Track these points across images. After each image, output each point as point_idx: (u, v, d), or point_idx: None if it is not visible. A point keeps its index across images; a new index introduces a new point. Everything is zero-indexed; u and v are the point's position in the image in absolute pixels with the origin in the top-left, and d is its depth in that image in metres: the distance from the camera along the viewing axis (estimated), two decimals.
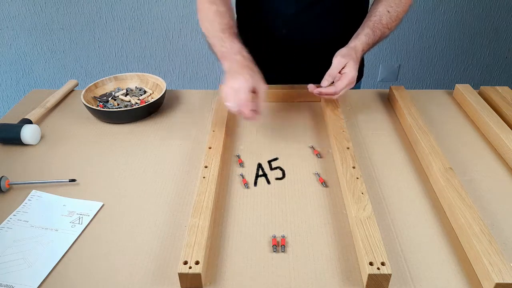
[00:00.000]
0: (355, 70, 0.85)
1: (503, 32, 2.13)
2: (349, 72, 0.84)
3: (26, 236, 0.65)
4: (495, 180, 0.76)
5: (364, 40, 0.89)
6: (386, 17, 0.91)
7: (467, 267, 0.59)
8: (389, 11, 0.91)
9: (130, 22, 2.05)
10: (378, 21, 0.90)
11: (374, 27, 0.90)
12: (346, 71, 0.85)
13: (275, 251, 0.62)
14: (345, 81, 0.84)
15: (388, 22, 0.91)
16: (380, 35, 0.91)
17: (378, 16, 0.91)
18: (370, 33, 0.89)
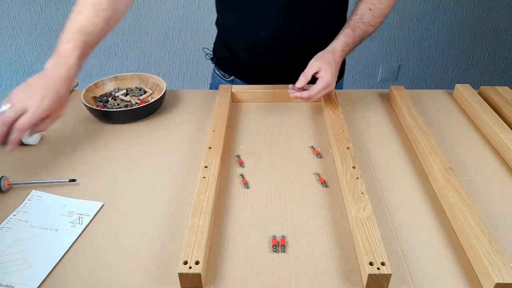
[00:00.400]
0: (330, 74, 0.85)
1: (503, 32, 2.14)
2: (324, 76, 0.85)
3: (26, 236, 0.65)
4: (495, 180, 0.76)
5: (343, 40, 0.89)
6: (368, 15, 0.91)
7: (467, 267, 0.59)
8: (371, 8, 0.91)
9: (130, 22, 2.05)
10: (359, 20, 0.91)
11: (355, 26, 0.90)
12: (321, 75, 0.86)
13: (275, 251, 0.62)
14: (319, 86, 0.86)
15: (371, 19, 0.91)
16: (362, 34, 0.91)
17: (359, 15, 0.91)
18: (350, 32, 0.90)
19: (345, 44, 0.89)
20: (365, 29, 0.91)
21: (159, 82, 1.02)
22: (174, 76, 2.21)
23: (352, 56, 2.34)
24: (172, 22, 2.04)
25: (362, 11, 0.91)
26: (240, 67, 1.10)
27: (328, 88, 0.87)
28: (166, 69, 2.19)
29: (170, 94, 1.05)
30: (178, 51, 2.13)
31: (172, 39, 2.09)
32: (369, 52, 2.20)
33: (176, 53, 2.14)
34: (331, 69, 0.86)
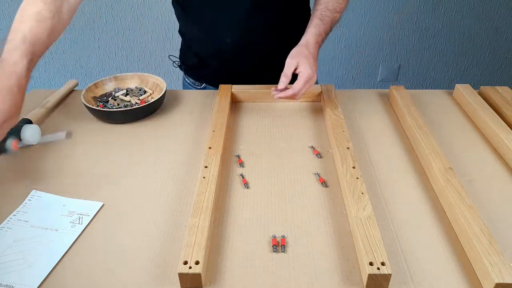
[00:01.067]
0: (310, 67, 0.84)
1: (503, 32, 2.14)
2: (303, 71, 0.84)
3: (26, 236, 0.65)
4: (495, 180, 0.76)
5: (314, 31, 0.89)
6: (332, 2, 0.92)
7: (467, 267, 0.59)
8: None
9: (130, 22, 2.05)
10: (324, 9, 0.91)
11: (322, 15, 0.91)
12: (300, 69, 0.85)
13: (275, 251, 0.62)
14: (301, 81, 0.84)
15: (336, 6, 0.92)
16: (331, 22, 0.92)
17: (324, 4, 0.92)
18: (319, 22, 0.90)
19: (317, 35, 0.89)
20: (333, 17, 0.92)
21: (159, 82, 1.02)
22: (174, 76, 2.21)
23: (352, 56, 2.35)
24: (172, 22, 2.04)
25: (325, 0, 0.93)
26: (209, 73, 1.11)
27: (310, 82, 0.86)
28: (166, 69, 2.19)
29: (170, 94, 1.05)
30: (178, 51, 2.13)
31: (172, 39, 2.09)
32: (369, 52, 2.20)
33: (176, 53, 2.14)
34: (309, 62, 0.85)
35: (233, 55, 1.03)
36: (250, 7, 0.95)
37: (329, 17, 0.91)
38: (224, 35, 1.01)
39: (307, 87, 0.86)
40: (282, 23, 1.01)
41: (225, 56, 1.04)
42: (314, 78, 0.86)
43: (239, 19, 0.97)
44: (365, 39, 2.14)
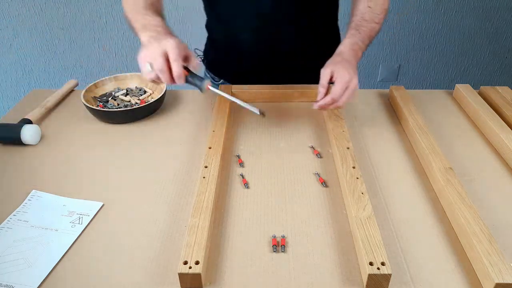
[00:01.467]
0: (348, 73, 0.80)
1: (503, 32, 2.14)
2: (340, 76, 0.80)
3: (26, 236, 0.65)
4: (495, 180, 0.76)
5: (348, 41, 0.86)
6: (368, 13, 0.89)
7: (467, 267, 0.59)
8: (370, 6, 0.89)
9: None
10: (360, 19, 0.89)
11: (357, 25, 0.88)
12: (336, 76, 0.81)
13: (275, 251, 0.62)
14: (339, 85, 0.80)
15: (373, 16, 0.89)
16: (369, 32, 0.89)
17: (360, 15, 0.89)
18: (354, 32, 0.88)
19: (351, 43, 0.86)
20: (371, 27, 0.89)
21: None
22: None
23: None
24: (172, 23, 2.04)
25: (361, 10, 0.89)
26: (228, 70, 1.10)
27: (350, 85, 0.80)
28: None
29: (170, 94, 1.05)
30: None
31: None
32: (369, 52, 2.20)
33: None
34: (344, 67, 0.81)
35: (251, 52, 1.03)
36: (269, 7, 0.95)
37: (366, 27, 0.88)
38: (243, 31, 1.00)
39: (349, 93, 0.80)
40: (305, 22, 1.00)
41: (243, 53, 1.04)
42: (353, 82, 0.80)
43: (259, 14, 0.96)
44: None
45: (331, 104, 0.82)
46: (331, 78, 0.82)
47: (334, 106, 0.83)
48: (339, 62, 0.82)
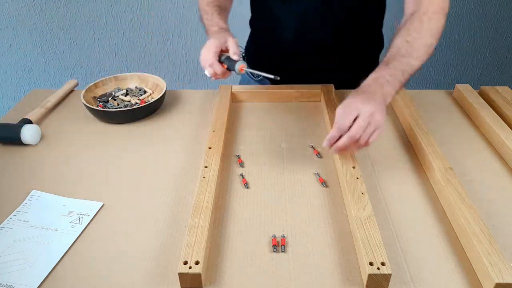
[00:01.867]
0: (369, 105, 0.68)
1: (503, 32, 2.13)
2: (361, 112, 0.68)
3: (26, 236, 0.65)
4: (495, 180, 0.76)
5: (374, 76, 0.74)
6: (406, 47, 0.77)
7: (467, 267, 0.59)
8: (408, 40, 0.77)
9: (130, 22, 2.05)
10: (395, 53, 0.77)
11: (389, 59, 0.76)
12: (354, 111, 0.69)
13: (275, 251, 0.62)
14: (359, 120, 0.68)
15: (410, 51, 0.76)
16: (403, 66, 0.75)
17: (396, 48, 0.77)
18: (383, 67, 0.75)
19: (375, 78, 0.73)
20: (406, 62, 0.75)
21: (159, 82, 1.02)
22: (174, 76, 2.21)
23: None
24: (172, 22, 2.04)
25: (398, 45, 0.78)
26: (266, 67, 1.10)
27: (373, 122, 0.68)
28: (166, 69, 2.19)
29: (170, 94, 1.05)
30: (178, 51, 2.13)
31: (172, 39, 2.09)
32: None
33: (176, 53, 2.13)
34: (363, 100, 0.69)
35: (292, 52, 1.03)
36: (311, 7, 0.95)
37: (400, 61, 0.75)
38: (286, 31, 1.00)
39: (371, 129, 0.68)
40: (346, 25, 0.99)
41: (282, 50, 1.04)
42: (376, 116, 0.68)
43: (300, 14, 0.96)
44: None
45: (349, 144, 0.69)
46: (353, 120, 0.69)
47: (356, 147, 0.70)
48: (357, 96, 0.71)
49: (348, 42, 1.00)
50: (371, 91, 0.71)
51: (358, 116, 0.68)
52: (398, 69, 0.75)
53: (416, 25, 0.79)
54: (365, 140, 0.68)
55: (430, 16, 0.79)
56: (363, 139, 0.68)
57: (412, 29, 0.78)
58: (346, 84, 1.03)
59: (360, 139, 0.68)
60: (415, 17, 0.80)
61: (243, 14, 1.13)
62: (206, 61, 0.83)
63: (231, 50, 0.82)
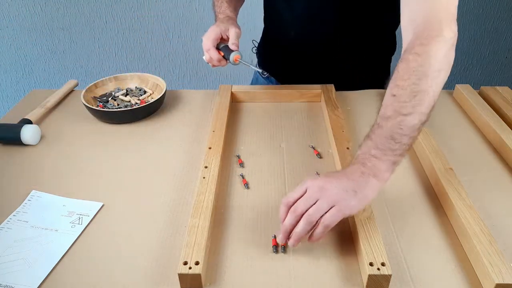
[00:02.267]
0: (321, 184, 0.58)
1: (503, 32, 2.13)
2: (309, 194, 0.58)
3: (26, 236, 0.65)
4: (495, 180, 0.76)
5: (357, 154, 0.64)
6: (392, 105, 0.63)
7: (467, 268, 0.59)
8: (394, 94, 0.63)
9: (130, 22, 2.05)
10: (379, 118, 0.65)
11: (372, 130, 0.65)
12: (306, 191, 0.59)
13: (275, 252, 0.62)
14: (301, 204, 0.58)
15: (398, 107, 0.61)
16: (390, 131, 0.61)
17: (381, 113, 0.65)
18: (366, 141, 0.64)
19: (355, 157, 0.63)
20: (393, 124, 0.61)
21: (159, 82, 1.02)
22: (174, 76, 2.20)
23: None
24: (172, 22, 2.04)
25: (385, 102, 0.65)
26: (273, 66, 1.10)
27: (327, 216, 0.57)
28: (166, 69, 2.19)
29: (170, 94, 1.05)
30: (178, 51, 2.13)
31: (172, 39, 2.09)
32: None
33: (176, 53, 2.13)
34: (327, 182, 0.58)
35: (295, 49, 1.03)
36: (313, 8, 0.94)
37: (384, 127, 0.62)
38: (289, 28, 1.00)
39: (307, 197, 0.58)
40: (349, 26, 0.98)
41: (287, 48, 1.04)
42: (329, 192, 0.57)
43: (303, 13, 0.96)
44: None
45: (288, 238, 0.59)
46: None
47: (304, 223, 0.57)
48: (325, 176, 0.60)
49: (349, 43, 1.00)
50: (348, 171, 0.61)
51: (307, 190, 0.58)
52: (385, 136, 0.61)
53: (401, 68, 0.63)
54: (314, 220, 0.56)
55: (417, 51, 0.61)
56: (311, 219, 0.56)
57: (398, 76, 0.62)
58: (346, 84, 1.03)
59: (295, 234, 0.57)
60: (402, 56, 0.64)
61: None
62: (204, 45, 0.88)
63: (231, 40, 0.86)
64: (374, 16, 0.96)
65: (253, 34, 1.11)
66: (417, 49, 0.62)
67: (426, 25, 0.63)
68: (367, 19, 0.97)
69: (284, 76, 1.07)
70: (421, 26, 0.64)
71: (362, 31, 0.99)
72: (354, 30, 0.98)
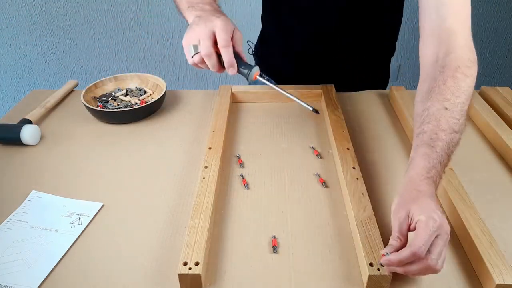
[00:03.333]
0: (435, 215, 0.52)
1: (503, 32, 2.14)
2: (420, 220, 0.52)
3: (26, 236, 0.65)
4: (495, 180, 0.76)
5: (422, 165, 0.59)
6: (445, 117, 0.61)
7: (468, 268, 0.59)
8: (447, 107, 0.62)
9: (130, 22, 2.05)
10: (436, 128, 0.61)
11: (432, 139, 0.61)
12: (415, 219, 0.53)
13: (275, 252, 0.61)
14: (423, 233, 0.51)
15: (452, 124, 0.61)
16: (447, 146, 0.60)
17: (434, 121, 0.62)
18: (429, 152, 0.60)
19: (427, 169, 0.58)
20: (449, 139, 0.60)
21: (159, 82, 1.01)
22: (174, 76, 2.21)
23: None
24: (172, 22, 2.04)
25: (436, 114, 0.62)
26: (277, 69, 1.09)
27: (442, 235, 0.52)
28: (166, 69, 2.19)
29: (170, 94, 1.05)
30: (178, 51, 2.13)
31: (172, 39, 2.09)
32: None
33: (176, 53, 2.14)
34: (426, 208, 0.54)
35: (305, 54, 1.02)
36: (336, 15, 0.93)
37: (444, 140, 0.60)
38: (294, 36, 1.00)
39: (441, 244, 0.52)
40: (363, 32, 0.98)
41: (292, 53, 1.04)
42: (444, 228, 0.53)
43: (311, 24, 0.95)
44: None
45: (411, 261, 0.51)
46: (409, 225, 0.55)
47: (421, 268, 0.52)
48: (416, 200, 0.55)
49: (349, 43, 1.00)
50: (428, 193, 0.56)
51: (422, 226, 0.52)
52: (444, 151, 0.60)
53: (451, 84, 0.63)
54: (433, 260, 0.51)
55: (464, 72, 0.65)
56: (431, 258, 0.51)
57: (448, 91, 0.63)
58: (346, 85, 1.03)
59: (428, 257, 0.51)
60: (446, 74, 0.64)
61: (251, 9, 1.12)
62: (205, 47, 0.67)
63: (238, 47, 0.69)
64: (375, 16, 0.96)
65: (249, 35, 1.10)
66: (464, 70, 0.65)
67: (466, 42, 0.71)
68: (368, 19, 0.97)
69: (283, 77, 1.07)
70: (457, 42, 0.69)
71: (362, 32, 0.99)
72: (355, 31, 0.98)
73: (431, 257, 0.50)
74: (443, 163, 0.60)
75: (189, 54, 0.68)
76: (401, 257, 0.51)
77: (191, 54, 0.67)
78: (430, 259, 0.50)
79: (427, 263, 0.50)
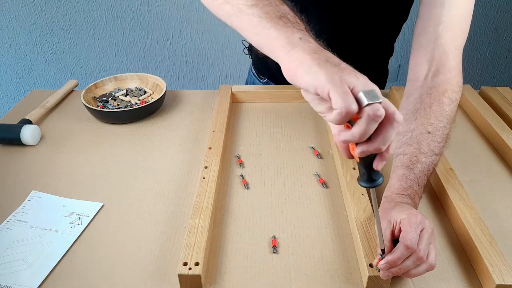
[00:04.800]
0: (415, 212, 0.54)
1: (503, 32, 2.13)
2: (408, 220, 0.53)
3: (26, 236, 0.65)
4: (496, 180, 0.76)
5: (398, 185, 0.62)
6: (427, 141, 0.64)
7: (468, 269, 0.59)
8: (430, 131, 0.64)
9: (130, 22, 2.05)
10: (416, 151, 0.63)
11: (412, 161, 0.63)
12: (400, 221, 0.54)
13: (275, 252, 0.61)
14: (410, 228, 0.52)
15: (433, 147, 0.64)
16: (427, 169, 0.63)
17: (416, 144, 0.64)
18: (407, 173, 0.62)
19: (403, 188, 0.61)
20: (431, 161, 0.64)
21: (159, 82, 1.01)
22: (174, 76, 2.21)
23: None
24: (172, 22, 2.04)
25: (418, 137, 0.64)
26: (271, 69, 1.08)
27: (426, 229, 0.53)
28: (166, 69, 2.19)
29: (170, 94, 1.05)
30: (178, 51, 2.13)
31: (172, 39, 2.09)
32: None
33: (176, 53, 2.13)
34: (403, 209, 0.56)
35: None
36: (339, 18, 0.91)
37: (423, 163, 0.63)
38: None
39: (427, 236, 0.53)
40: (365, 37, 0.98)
41: None
42: (426, 222, 0.54)
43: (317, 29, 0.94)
44: None
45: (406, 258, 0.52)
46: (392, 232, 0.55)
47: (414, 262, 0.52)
48: (394, 208, 0.58)
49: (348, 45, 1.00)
50: (403, 201, 0.59)
51: (406, 222, 0.53)
52: (423, 173, 0.62)
53: (436, 109, 0.65)
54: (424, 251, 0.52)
55: (450, 96, 0.66)
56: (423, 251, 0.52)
57: (433, 115, 0.65)
58: None
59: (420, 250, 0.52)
60: (433, 98, 0.66)
61: None
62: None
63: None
64: (374, 17, 0.96)
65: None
66: (450, 95, 0.67)
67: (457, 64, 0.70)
68: (367, 20, 0.97)
69: (281, 77, 1.06)
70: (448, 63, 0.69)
71: (361, 32, 0.99)
72: (354, 31, 0.98)
73: (419, 248, 0.52)
74: (421, 184, 0.63)
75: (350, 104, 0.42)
76: (396, 255, 0.52)
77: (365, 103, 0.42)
78: (419, 250, 0.51)
79: (418, 255, 0.52)
